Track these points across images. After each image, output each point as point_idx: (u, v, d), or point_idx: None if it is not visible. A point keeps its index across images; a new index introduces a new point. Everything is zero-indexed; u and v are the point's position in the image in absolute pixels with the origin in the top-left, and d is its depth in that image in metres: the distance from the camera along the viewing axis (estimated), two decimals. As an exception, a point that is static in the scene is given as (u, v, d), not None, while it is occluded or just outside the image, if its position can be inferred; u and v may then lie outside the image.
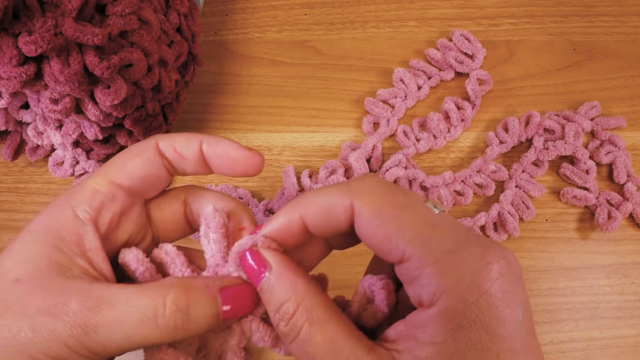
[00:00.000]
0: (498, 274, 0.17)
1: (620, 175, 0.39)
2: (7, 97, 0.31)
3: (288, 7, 0.47)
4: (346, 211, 0.19)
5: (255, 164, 0.22)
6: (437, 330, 0.17)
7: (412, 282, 0.18)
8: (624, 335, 0.35)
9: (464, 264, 0.17)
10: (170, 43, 0.34)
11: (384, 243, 0.18)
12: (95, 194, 0.20)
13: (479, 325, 0.16)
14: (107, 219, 0.20)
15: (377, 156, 0.39)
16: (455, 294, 0.17)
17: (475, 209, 0.39)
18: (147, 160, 0.21)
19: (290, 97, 0.43)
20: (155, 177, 0.22)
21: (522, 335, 0.17)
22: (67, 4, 0.27)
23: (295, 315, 0.18)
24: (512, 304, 0.17)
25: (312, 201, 0.19)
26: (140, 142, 0.22)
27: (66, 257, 0.19)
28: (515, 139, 0.40)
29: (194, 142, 0.22)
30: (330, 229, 0.19)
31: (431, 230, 0.18)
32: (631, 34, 0.45)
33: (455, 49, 0.43)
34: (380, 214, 0.18)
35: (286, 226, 0.20)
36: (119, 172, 0.21)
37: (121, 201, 0.21)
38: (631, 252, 0.37)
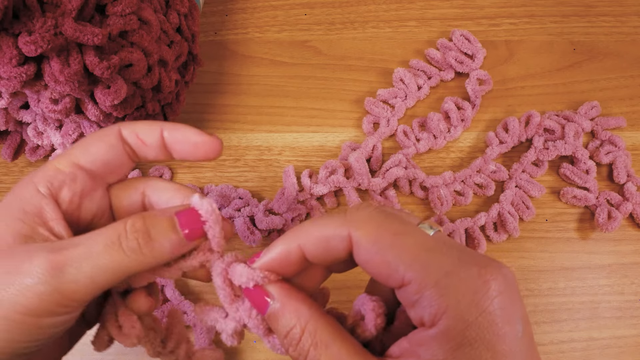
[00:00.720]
0: (496, 292, 0.17)
1: (620, 175, 0.39)
2: (7, 97, 0.31)
3: (288, 7, 0.47)
4: (344, 241, 0.19)
5: (215, 148, 0.22)
6: (438, 348, 0.17)
7: (414, 305, 0.18)
8: (624, 335, 0.35)
9: (462, 284, 0.17)
10: (170, 43, 0.34)
11: (383, 270, 0.19)
12: (57, 173, 0.21)
13: (479, 343, 0.17)
14: (67, 197, 0.21)
15: (377, 156, 0.39)
16: (455, 314, 0.17)
17: (475, 209, 0.39)
18: (109, 145, 0.22)
19: (290, 97, 0.43)
20: (116, 162, 0.23)
21: (522, 350, 0.17)
22: (67, 4, 0.27)
23: (301, 340, 0.19)
24: (511, 320, 0.17)
25: (310, 232, 0.20)
26: (103, 128, 0.23)
27: (29, 227, 0.20)
28: (515, 139, 0.40)
29: (155, 129, 0.23)
30: (328, 258, 0.20)
31: (429, 254, 0.18)
32: (631, 34, 0.45)
33: (455, 49, 0.43)
34: (378, 242, 0.19)
35: (285, 256, 0.20)
36: (81, 154, 0.22)
37: (82, 182, 0.22)
38: (631, 252, 0.37)
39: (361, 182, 0.37)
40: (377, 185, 0.37)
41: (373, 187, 0.38)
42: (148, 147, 0.23)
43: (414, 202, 0.39)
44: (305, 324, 0.19)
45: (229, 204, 0.38)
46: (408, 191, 0.39)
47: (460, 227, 0.37)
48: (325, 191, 0.37)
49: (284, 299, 0.20)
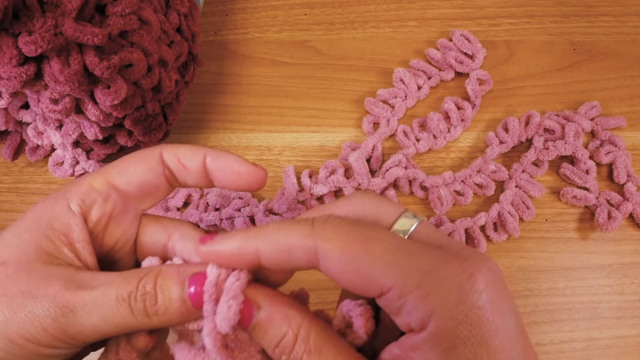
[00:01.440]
0: (483, 285, 0.17)
1: (620, 175, 0.39)
2: (7, 97, 0.31)
3: (288, 7, 0.47)
4: (308, 253, 0.18)
5: (259, 179, 0.22)
6: (431, 352, 0.16)
7: (398, 312, 0.17)
8: (624, 335, 0.35)
9: (446, 282, 0.17)
10: (170, 43, 0.34)
11: (358, 281, 0.17)
12: (90, 190, 0.21)
13: (472, 341, 0.16)
14: (96, 216, 0.21)
15: (377, 156, 0.39)
16: (443, 314, 0.16)
17: (475, 209, 0.39)
18: (149, 168, 0.22)
19: (290, 97, 0.43)
20: (154, 185, 0.22)
21: (516, 343, 0.17)
22: (67, 4, 0.27)
23: (295, 347, 0.18)
24: (502, 313, 0.17)
25: (273, 237, 0.18)
26: (145, 149, 0.22)
27: (54, 246, 0.20)
28: (515, 139, 0.40)
29: (198, 154, 0.22)
30: (285, 267, 0.19)
31: (405, 257, 0.17)
32: (631, 34, 0.45)
33: (455, 49, 0.43)
34: (348, 252, 0.17)
35: (237, 254, 0.19)
36: (118, 174, 0.21)
37: (113, 203, 0.21)
38: (631, 252, 0.37)
39: (361, 182, 0.37)
40: (377, 185, 0.37)
41: (373, 187, 0.38)
42: (189, 171, 0.22)
43: (414, 202, 0.39)
44: (298, 330, 0.18)
45: (229, 204, 0.38)
46: (408, 191, 0.39)
47: (460, 227, 0.37)
48: (325, 191, 0.37)
49: (270, 306, 0.18)
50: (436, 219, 0.38)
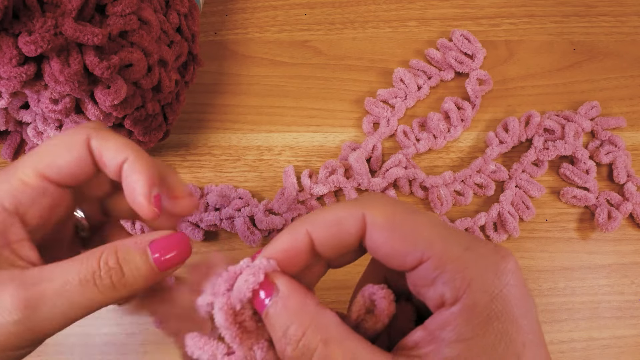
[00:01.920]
0: (514, 267, 0.17)
1: (620, 175, 0.39)
2: (7, 97, 0.31)
3: (288, 7, 0.47)
4: (357, 223, 0.18)
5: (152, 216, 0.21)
6: (465, 326, 0.16)
7: (433, 282, 0.17)
8: (624, 335, 0.35)
9: (483, 258, 0.17)
10: (170, 43, 0.34)
11: (400, 248, 0.18)
12: (24, 187, 0.20)
13: (505, 317, 0.16)
14: (37, 213, 0.20)
15: (377, 156, 0.39)
16: (480, 287, 0.17)
17: (475, 209, 0.39)
18: (78, 158, 0.21)
19: (290, 97, 0.43)
20: (85, 172, 0.22)
21: (537, 328, 0.17)
22: (67, 4, 0.27)
23: (305, 335, 0.17)
24: (527, 296, 0.17)
25: (320, 216, 0.19)
26: (71, 133, 0.21)
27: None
28: (515, 139, 0.40)
29: (119, 156, 0.21)
30: (338, 245, 0.19)
31: (447, 230, 0.18)
32: (631, 34, 0.45)
33: (455, 49, 0.43)
34: (394, 219, 0.18)
35: (291, 245, 0.19)
36: (48, 166, 0.21)
37: (50, 195, 0.21)
38: (631, 252, 0.37)
39: (361, 182, 0.37)
40: (377, 185, 0.37)
41: (373, 187, 0.38)
42: (107, 169, 0.22)
43: (414, 202, 0.39)
44: (312, 319, 0.17)
45: (229, 204, 0.38)
46: (408, 191, 0.39)
47: (460, 227, 0.37)
48: (325, 191, 0.37)
49: (289, 291, 0.18)
50: (436, 219, 0.38)
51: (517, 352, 0.16)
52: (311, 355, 0.17)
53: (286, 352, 0.17)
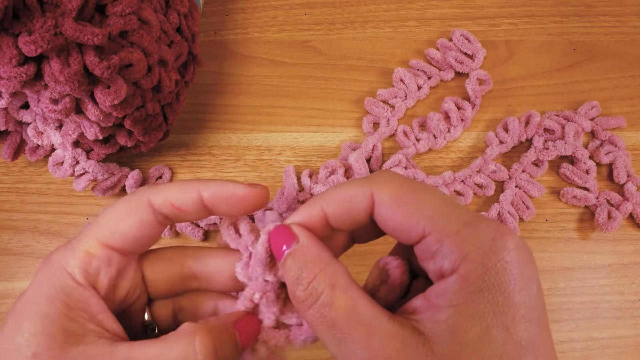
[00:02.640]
0: (513, 245, 0.18)
1: (620, 175, 0.39)
2: (7, 97, 0.31)
3: (288, 7, 0.47)
4: (366, 200, 0.20)
5: (264, 196, 0.22)
6: (457, 293, 0.18)
7: (434, 256, 0.19)
8: (624, 335, 0.35)
9: (482, 233, 0.18)
10: (170, 43, 0.34)
11: (404, 223, 0.19)
12: (90, 258, 0.20)
13: (497, 289, 0.17)
14: (105, 283, 0.20)
15: (377, 156, 0.39)
16: (475, 259, 0.18)
17: (475, 209, 0.39)
18: (141, 222, 0.21)
19: (290, 97, 0.43)
20: (149, 236, 0.21)
21: (535, 307, 0.18)
22: (67, 4, 0.27)
23: (315, 279, 0.19)
24: (526, 275, 0.18)
25: (333, 193, 0.20)
26: (130, 198, 0.21)
27: (79, 325, 0.19)
28: (515, 139, 0.40)
29: (192, 192, 0.21)
30: (349, 220, 0.20)
31: (449, 207, 0.19)
32: (631, 34, 0.45)
33: (455, 49, 0.43)
34: (399, 197, 0.19)
35: (307, 219, 0.20)
36: (110, 235, 0.20)
37: (117, 264, 0.21)
38: (631, 252, 0.37)
39: (361, 182, 0.37)
40: (377, 185, 0.37)
41: (373, 187, 0.38)
42: (186, 212, 0.21)
43: (414, 202, 0.39)
44: (325, 265, 0.19)
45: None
46: (408, 191, 0.39)
47: (460, 227, 0.37)
48: (325, 191, 0.37)
49: (308, 241, 0.20)
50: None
51: (505, 324, 0.17)
52: (318, 296, 0.19)
53: (297, 292, 0.19)
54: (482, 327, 0.17)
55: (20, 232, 0.38)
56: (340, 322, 0.18)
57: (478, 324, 0.17)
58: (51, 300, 0.19)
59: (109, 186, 0.38)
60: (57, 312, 0.19)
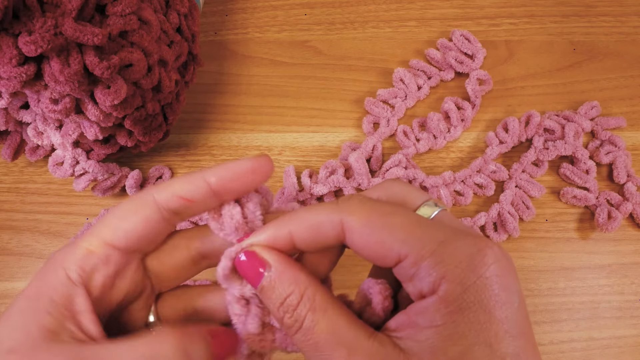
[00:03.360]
0: (492, 259, 0.18)
1: (620, 175, 0.39)
2: (7, 97, 0.31)
3: (288, 7, 0.47)
4: (335, 228, 0.19)
5: (270, 164, 0.21)
6: (436, 314, 0.17)
7: (412, 279, 0.18)
8: (624, 335, 0.35)
9: (458, 251, 0.18)
10: (170, 43, 0.34)
11: (378, 250, 0.19)
12: (88, 255, 0.20)
13: (477, 307, 0.17)
14: (99, 282, 0.20)
15: (377, 156, 0.39)
16: (453, 279, 0.17)
17: (475, 209, 0.39)
18: (146, 220, 0.20)
19: (290, 97, 0.43)
20: (154, 233, 0.21)
21: (518, 320, 0.18)
22: (67, 4, 0.27)
23: (299, 305, 0.19)
24: (507, 288, 0.18)
25: (302, 218, 0.20)
26: (136, 197, 0.21)
27: (56, 322, 0.19)
28: (515, 139, 0.40)
29: (199, 181, 0.20)
30: (318, 245, 0.20)
31: (421, 229, 0.19)
32: (631, 34, 0.45)
33: (455, 49, 0.43)
34: (370, 224, 0.19)
35: (273, 240, 0.20)
36: (113, 233, 0.20)
37: (115, 263, 0.20)
38: (631, 252, 0.37)
39: (361, 182, 0.37)
40: (377, 185, 0.37)
41: (373, 187, 0.38)
42: (197, 203, 0.20)
43: (414, 202, 0.39)
44: (305, 290, 0.19)
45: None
46: (408, 191, 0.39)
47: (460, 227, 0.37)
48: (325, 191, 0.37)
49: (281, 266, 0.19)
50: (436, 219, 0.38)
51: (488, 341, 0.17)
52: (302, 322, 0.19)
53: (284, 320, 0.19)
54: (463, 346, 0.17)
55: (20, 232, 0.38)
56: (323, 345, 0.18)
57: (459, 344, 0.17)
58: (39, 296, 0.19)
59: (109, 186, 0.38)
60: (41, 308, 0.19)
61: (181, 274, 0.23)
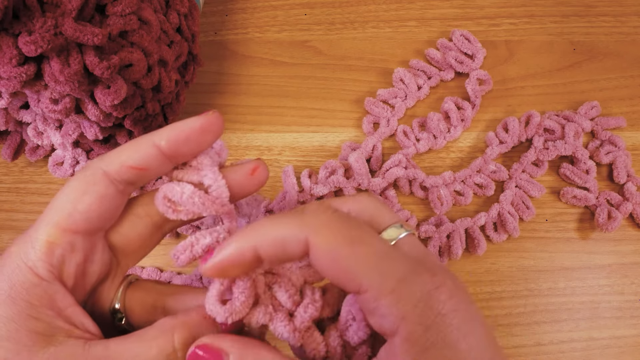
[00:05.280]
0: (447, 296, 0.18)
1: (620, 175, 0.39)
2: (7, 97, 0.31)
3: (288, 7, 0.47)
4: (300, 244, 0.18)
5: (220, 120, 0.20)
6: (406, 355, 0.17)
7: (373, 313, 0.18)
8: (624, 335, 0.35)
9: (417, 290, 0.18)
10: (170, 43, 0.34)
11: (341, 277, 0.18)
12: (52, 248, 0.19)
13: (441, 344, 0.17)
14: (71, 272, 0.19)
15: (377, 156, 0.39)
16: (413, 319, 0.17)
17: (475, 209, 0.39)
18: (100, 197, 0.19)
19: (290, 97, 0.43)
20: (113, 207, 0.20)
21: (485, 345, 0.18)
22: (67, 4, 0.27)
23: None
24: (468, 320, 0.18)
25: (266, 232, 0.19)
26: (83, 174, 0.19)
27: (46, 325, 0.18)
28: (515, 139, 0.40)
29: (147, 147, 0.19)
30: (283, 259, 0.19)
31: (385, 262, 0.18)
32: (631, 34, 0.45)
33: (455, 49, 0.43)
34: (334, 250, 0.18)
35: (238, 256, 0.19)
36: (70, 217, 0.19)
37: (81, 249, 0.19)
38: (631, 252, 0.37)
39: (361, 182, 0.37)
40: (377, 185, 0.37)
41: (373, 187, 0.38)
42: (148, 170, 0.20)
43: (414, 202, 0.39)
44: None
45: (229, 204, 0.38)
46: (408, 191, 0.39)
47: (460, 227, 0.37)
48: (326, 192, 0.37)
49: (239, 351, 0.18)
50: (436, 219, 0.38)
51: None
52: None
53: None
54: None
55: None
56: None
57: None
58: (13, 301, 0.18)
59: (109, 186, 0.38)
60: (22, 313, 0.18)
61: (146, 243, 0.22)
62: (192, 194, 0.20)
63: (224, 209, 0.21)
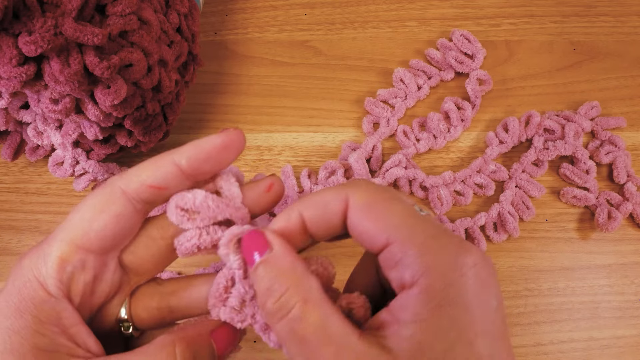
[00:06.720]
0: (474, 261, 0.18)
1: (620, 175, 0.39)
2: (7, 97, 0.31)
3: (288, 7, 0.47)
4: (341, 203, 0.20)
5: (242, 137, 0.20)
6: (420, 307, 0.17)
7: (396, 265, 0.19)
8: (624, 335, 0.35)
9: (444, 248, 0.18)
10: (170, 43, 0.34)
11: (371, 229, 0.19)
12: (63, 265, 0.18)
13: (459, 304, 0.17)
14: (79, 290, 0.19)
15: (377, 156, 0.39)
16: (436, 273, 0.18)
17: (475, 209, 0.39)
18: (117, 216, 0.19)
19: (290, 97, 0.43)
20: (128, 227, 0.20)
21: (496, 322, 0.18)
22: (67, 4, 0.27)
23: (288, 291, 0.18)
24: (486, 290, 0.18)
25: (311, 199, 0.20)
26: (101, 191, 0.19)
27: (49, 341, 0.18)
28: (515, 139, 0.40)
29: (167, 166, 0.19)
30: (326, 223, 0.20)
31: (415, 220, 0.19)
32: (631, 34, 0.45)
33: (455, 49, 0.43)
34: (370, 204, 0.19)
35: (287, 225, 0.20)
36: (85, 235, 0.19)
37: (92, 268, 0.19)
38: (631, 252, 0.37)
39: (361, 182, 0.37)
40: (377, 185, 0.37)
41: (373, 187, 0.38)
42: (168, 190, 0.19)
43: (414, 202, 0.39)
44: (299, 279, 0.18)
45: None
46: (408, 191, 0.39)
47: (460, 227, 0.37)
48: (325, 191, 0.37)
49: (282, 249, 0.19)
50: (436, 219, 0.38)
51: (469, 340, 0.17)
52: (289, 310, 0.18)
53: (266, 304, 0.18)
54: (447, 343, 0.17)
55: (21, 232, 0.38)
56: (310, 338, 0.17)
57: (443, 341, 0.17)
58: (21, 314, 0.18)
59: (109, 186, 0.38)
60: (27, 327, 0.18)
61: (159, 265, 0.22)
62: (204, 198, 0.20)
63: (238, 213, 0.21)
